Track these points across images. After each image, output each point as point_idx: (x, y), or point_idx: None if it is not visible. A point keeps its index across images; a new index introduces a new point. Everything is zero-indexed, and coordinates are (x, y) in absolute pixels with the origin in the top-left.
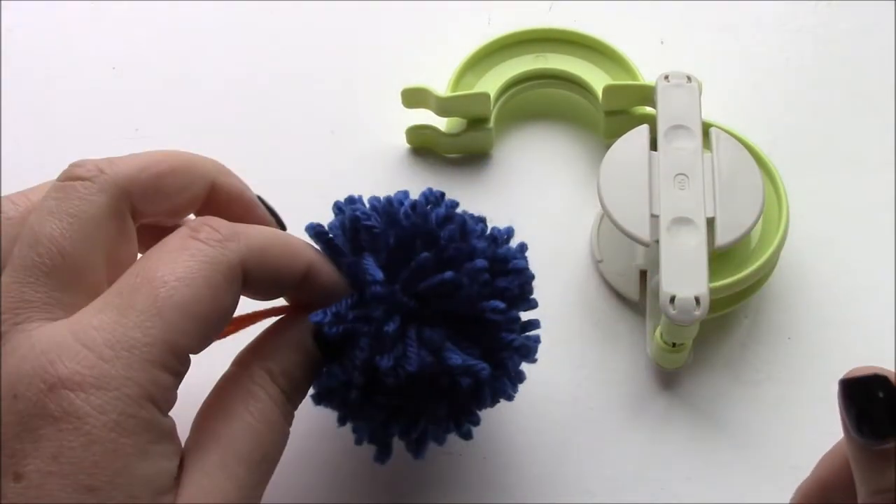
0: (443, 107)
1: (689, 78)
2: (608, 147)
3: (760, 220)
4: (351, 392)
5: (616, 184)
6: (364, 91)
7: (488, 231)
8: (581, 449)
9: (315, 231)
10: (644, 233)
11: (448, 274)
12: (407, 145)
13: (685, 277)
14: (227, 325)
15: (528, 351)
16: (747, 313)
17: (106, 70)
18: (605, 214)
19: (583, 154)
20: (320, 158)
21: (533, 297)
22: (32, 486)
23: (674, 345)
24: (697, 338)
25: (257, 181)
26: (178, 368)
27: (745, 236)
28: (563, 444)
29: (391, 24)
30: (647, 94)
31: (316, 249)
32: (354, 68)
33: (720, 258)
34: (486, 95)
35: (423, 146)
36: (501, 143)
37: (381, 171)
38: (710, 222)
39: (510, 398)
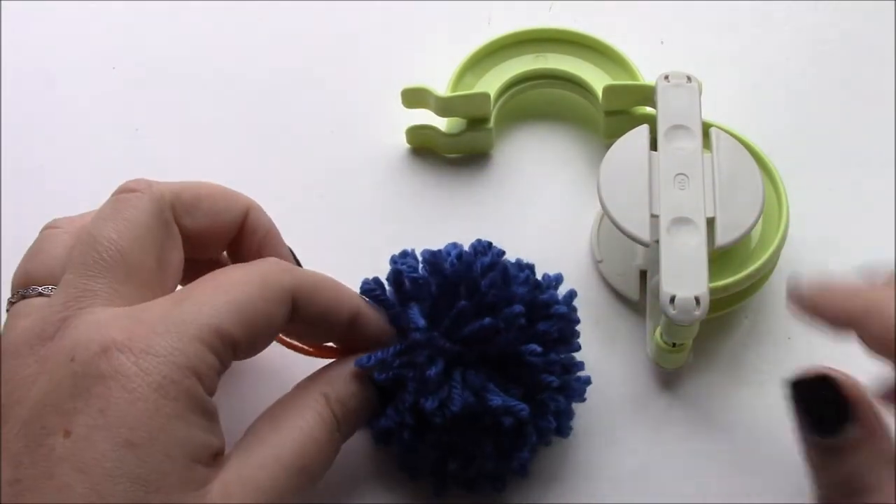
0: (443, 107)
1: (689, 78)
2: (608, 147)
3: (760, 220)
4: (404, 432)
5: (616, 184)
6: (364, 91)
7: (535, 277)
8: (580, 448)
9: (364, 288)
10: (644, 233)
11: (487, 320)
12: (407, 145)
13: (685, 277)
14: (272, 338)
15: (573, 391)
16: (747, 313)
17: (106, 70)
18: (605, 214)
19: (583, 154)
20: (320, 158)
21: (577, 340)
22: (80, 439)
23: (674, 345)
24: (697, 338)
25: (258, 181)
26: (223, 355)
27: (745, 236)
28: (563, 444)
29: (391, 23)
30: (647, 94)
31: (366, 300)
32: (354, 68)
33: (720, 258)
34: (486, 95)
35: (423, 146)
36: (501, 143)
37: (381, 171)
38: (710, 222)
39: (564, 434)
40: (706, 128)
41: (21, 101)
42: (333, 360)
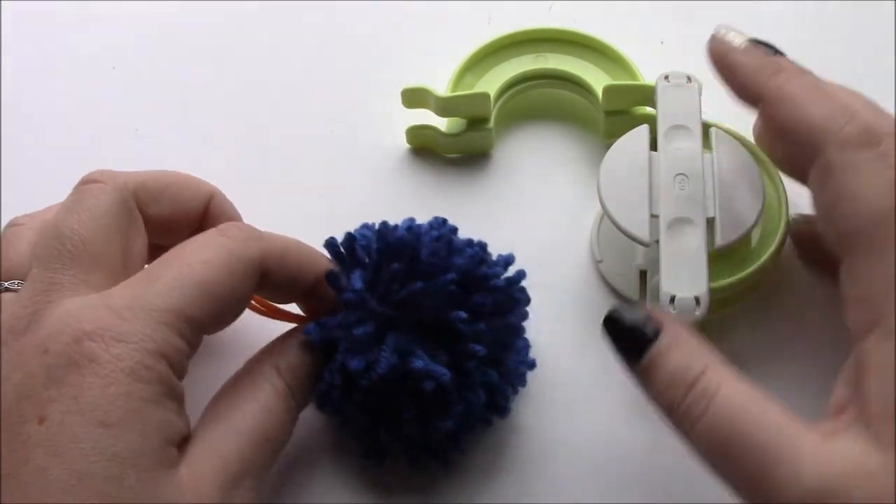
0: (443, 107)
1: (689, 78)
2: (608, 147)
3: (761, 220)
4: (333, 392)
5: (616, 184)
6: (364, 91)
7: (484, 255)
8: (581, 449)
9: (326, 243)
10: (644, 233)
11: (418, 284)
12: (407, 145)
13: (685, 277)
14: (240, 311)
15: (510, 371)
16: (747, 313)
17: (106, 70)
18: (605, 214)
19: (583, 154)
20: (320, 158)
21: (517, 316)
22: (54, 424)
23: None
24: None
25: (257, 181)
26: (191, 338)
27: (746, 236)
28: (563, 444)
29: (391, 23)
30: (647, 94)
31: (330, 261)
32: (354, 68)
33: (720, 258)
34: (486, 95)
35: (423, 146)
36: (501, 143)
37: (381, 171)
38: (710, 222)
39: (501, 414)
40: (706, 128)
41: (21, 100)
42: (284, 333)
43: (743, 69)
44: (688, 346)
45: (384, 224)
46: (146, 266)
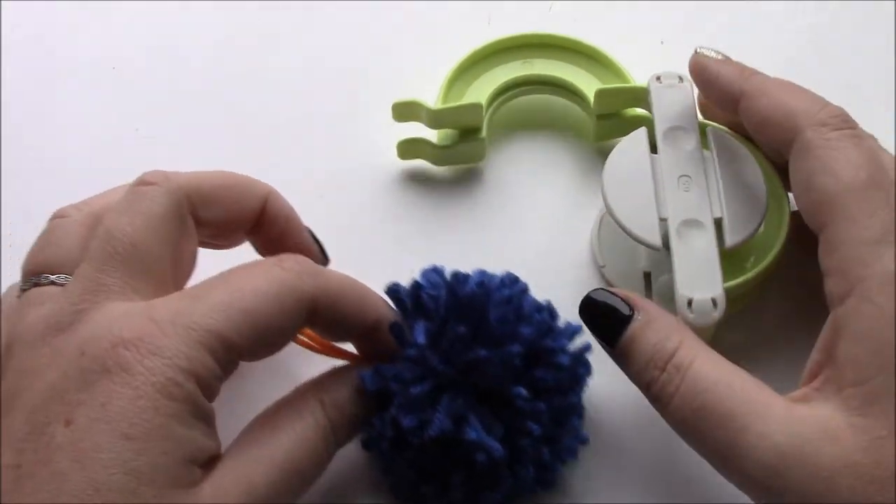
0: (435, 119)
1: (680, 78)
2: (599, 151)
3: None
4: (383, 443)
5: (621, 190)
6: (364, 91)
7: (551, 322)
8: (586, 452)
9: (388, 289)
10: (655, 238)
11: (482, 352)
12: (399, 159)
13: (700, 279)
14: (283, 344)
15: (563, 447)
16: (748, 314)
17: (106, 70)
18: (615, 221)
19: (574, 159)
20: (320, 158)
21: (578, 395)
22: (79, 429)
23: None
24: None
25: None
26: (226, 363)
27: (753, 235)
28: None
29: (391, 23)
30: (638, 96)
31: (391, 307)
32: (354, 68)
33: (725, 258)
34: (478, 105)
35: (416, 159)
36: (493, 151)
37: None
38: (718, 222)
39: (546, 486)
40: (703, 127)
41: (21, 101)
42: (335, 366)
43: (724, 75)
44: (663, 321)
45: (456, 276)
46: (197, 283)
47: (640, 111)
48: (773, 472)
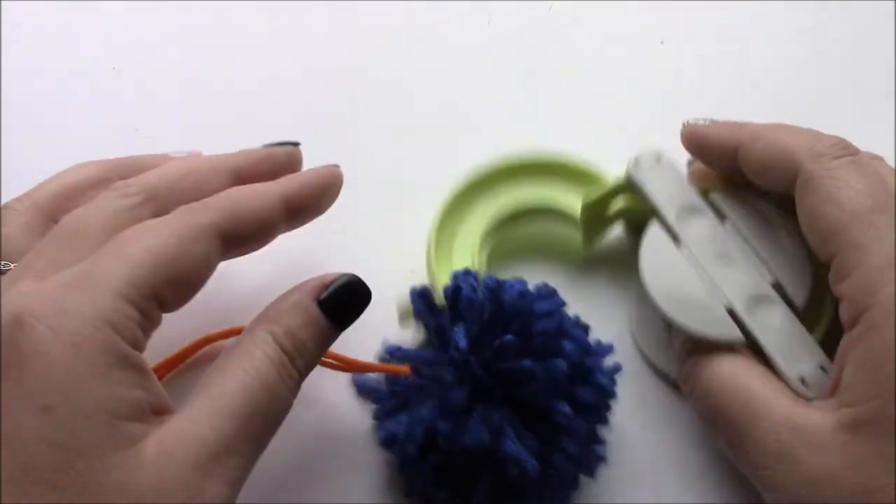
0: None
1: (658, 157)
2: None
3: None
4: (409, 445)
5: (674, 299)
6: (364, 87)
7: (587, 339)
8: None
9: (418, 292)
10: (734, 331)
11: (526, 362)
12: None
13: (798, 353)
14: (201, 276)
15: (586, 464)
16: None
17: (106, 70)
18: (685, 332)
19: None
20: (321, 158)
21: (608, 414)
22: (1, 413)
23: None
24: None
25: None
26: (142, 304)
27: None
28: None
29: (391, 23)
30: (620, 190)
31: (289, 179)
32: (354, 67)
33: None
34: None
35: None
36: None
37: None
38: (777, 286)
39: (565, 501)
40: (703, 195)
41: (21, 101)
42: (283, 294)
43: (716, 133)
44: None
45: (496, 282)
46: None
47: (620, 203)
48: (770, 471)
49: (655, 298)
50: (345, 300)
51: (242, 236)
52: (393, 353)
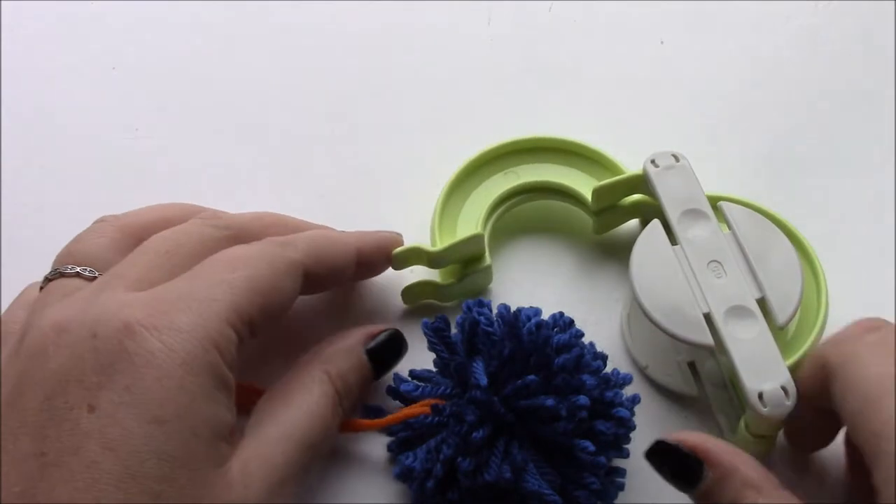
0: (437, 261)
1: (675, 157)
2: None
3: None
4: (429, 481)
5: (654, 293)
6: (365, 87)
7: (606, 370)
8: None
9: (432, 326)
10: (706, 336)
11: (549, 401)
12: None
13: (764, 369)
14: (287, 307)
15: (608, 496)
16: None
17: (106, 70)
18: (658, 327)
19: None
20: (321, 158)
21: (627, 447)
22: (104, 415)
23: (762, 436)
24: None
25: (257, 180)
26: (240, 329)
27: (799, 305)
28: None
29: (391, 22)
30: (635, 184)
31: (361, 233)
32: (354, 66)
33: None
34: (479, 236)
35: (423, 301)
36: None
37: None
38: (761, 302)
39: None
40: (713, 202)
41: (21, 101)
42: (333, 338)
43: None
44: (736, 478)
45: (513, 315)
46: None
47: (637, 197)
48: None
49: (637, 289)
50: (388, 350)
51: (319, 278)
52: (408, 391)
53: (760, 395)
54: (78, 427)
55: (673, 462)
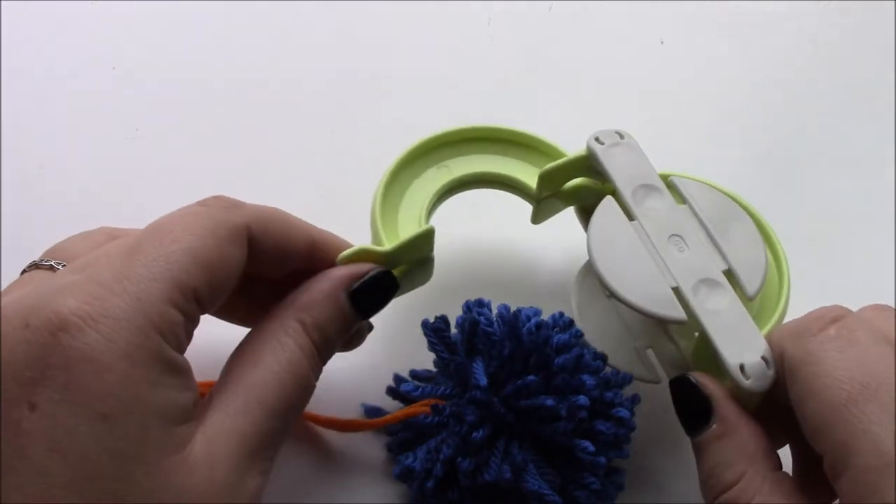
0: (391, 262)
1: (620, 134)
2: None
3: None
4: (429, 481)
5: (618, 271)
6: (365, 89)
7: (605, 370)
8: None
9: (432, 326)
10: (677, 311)
11: (549, 401)
12: None
13: (741, 341)
14: (235, 280)
15: (607, 496)
16: None
17: (106, 70)
18: (627, 305)
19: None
20: (321, 157)
21: (627, 447)
22: (45, 415)
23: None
24: None
25: (257, 180)
26: (186, 307)
27: (766, 274)
28: None
29: (390, 23)
30: (580, 166)
31: (320, 229)
32: (354, 66)
33: (705, 346)
34: (431, 231)
35: None
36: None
37: None
38: (728, 275)
39: None
40: (664, 179)
41: (21, 101)
42: (310, 281)
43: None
44: (736, 440)
45: (512, 315)
46: (125, 240)
47: (576, 182)
48: None
49: (600, 271)
50: (374, 294)
51: (266, 253)
52: (409, 391)
53: (742, 368)
54: (20, 428)
55: (688, 399)
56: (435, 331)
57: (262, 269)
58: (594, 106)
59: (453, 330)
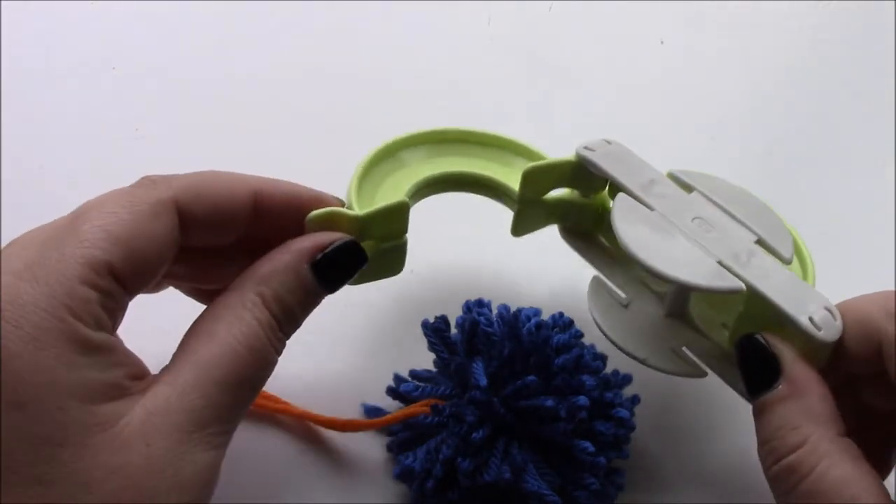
0: (362, 229)
1: (608, 141)
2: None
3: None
4: (429, 481)
5: (664, 257)
6: (365, 89)
7: (605, 370)
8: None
9: (432, 326)
10: (733, 281)
11: (549, 401)
12: None
13: (802, 298)
14: (164, 256)
15: (607, 496)
16: None
17: (106, 70)
18: (686, 286)
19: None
20: (321, 157)
21: (627, 447)
22: None
23: None
24: None
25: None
26: (101, 283)
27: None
28: None
29: (390, 23)
30: (565, 172)
31: (265, 178)
32: (354, 65)
33: (749, 323)
34: (405, 204)
35: None
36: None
37: None
38: (762, 244)
39: None
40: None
41: (21, 101)
42: (271, 252)
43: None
44: (803, 401)
45: (512, 315)
46: (48, 225)
47: (560, 193)
48: None
49: (646, 261)
50: (341, 264)
51: (202, 220)
52: (408, 391)
53: (812, 320)
54: None
55: (756, 358)
56: (435, 331)
57: (207, 237)
58: (594, 106)
59: (453, 330)
